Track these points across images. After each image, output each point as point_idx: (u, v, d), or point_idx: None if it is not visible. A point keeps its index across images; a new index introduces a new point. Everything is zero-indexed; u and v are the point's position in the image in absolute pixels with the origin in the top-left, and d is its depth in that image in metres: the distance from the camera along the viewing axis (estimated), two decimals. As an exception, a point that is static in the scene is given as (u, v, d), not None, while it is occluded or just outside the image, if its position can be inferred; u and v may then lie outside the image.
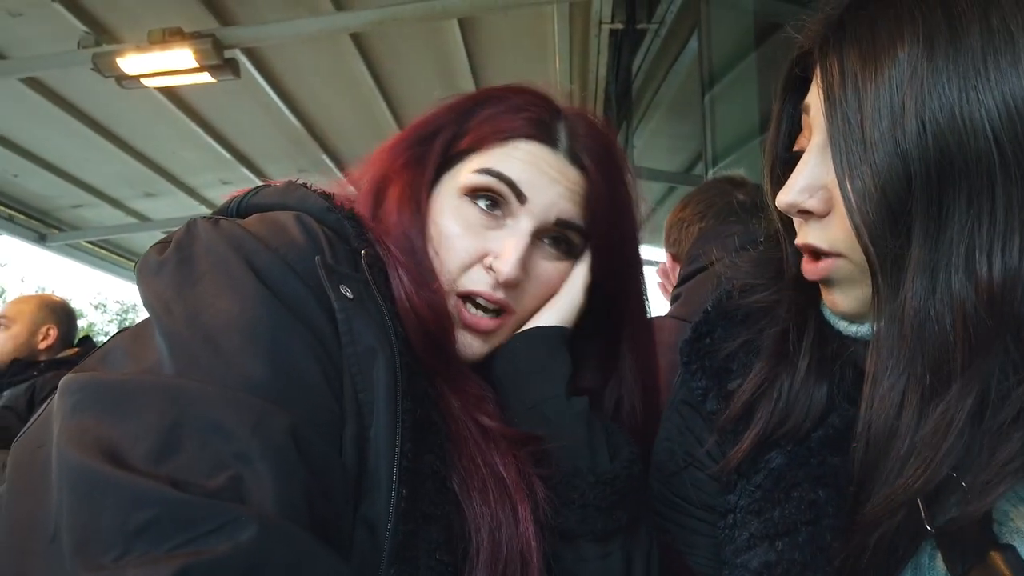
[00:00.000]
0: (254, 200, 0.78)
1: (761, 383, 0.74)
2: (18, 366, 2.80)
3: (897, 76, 0.57)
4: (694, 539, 0.80)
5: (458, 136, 0.85)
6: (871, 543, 0.60)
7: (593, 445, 0.78)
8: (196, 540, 0.47)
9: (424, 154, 0.85)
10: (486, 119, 0.84)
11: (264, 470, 0.52)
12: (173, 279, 0.63)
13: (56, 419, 0.54)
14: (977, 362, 0.55)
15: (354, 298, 0.67)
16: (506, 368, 0.83)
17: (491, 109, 0.85)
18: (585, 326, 0.89)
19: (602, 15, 3.92)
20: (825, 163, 0.63)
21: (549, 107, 0.86)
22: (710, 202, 1.67)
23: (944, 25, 0.56)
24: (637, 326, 0.91)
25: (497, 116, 0.84)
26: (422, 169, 0.84)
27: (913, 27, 0.57)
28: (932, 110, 0.55)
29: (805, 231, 0.66)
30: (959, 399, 0.56)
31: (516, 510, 0.72)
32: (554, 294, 0.86)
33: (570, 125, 0.85)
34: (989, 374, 0.56)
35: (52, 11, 3.94)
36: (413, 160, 0.85)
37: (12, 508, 0.55)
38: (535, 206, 0.81)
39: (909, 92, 0.56)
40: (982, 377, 0.56)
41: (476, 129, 0.84)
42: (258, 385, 0.57)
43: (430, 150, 0.85)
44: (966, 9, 0.56)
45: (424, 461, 0.67)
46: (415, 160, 0.85)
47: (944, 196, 0.56)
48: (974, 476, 0.56)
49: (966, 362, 0.55)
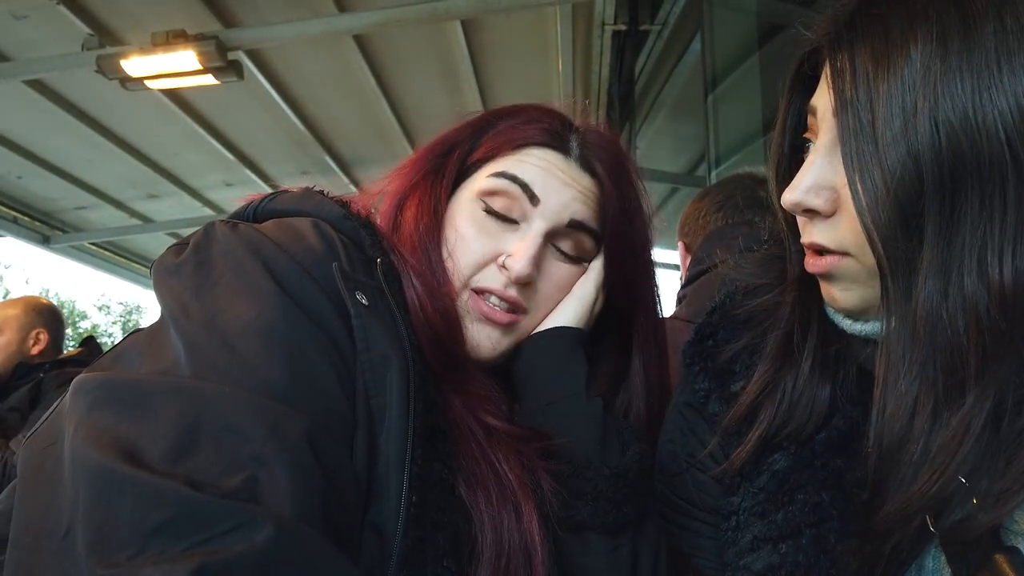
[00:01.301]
0: (271, 205, 0.79)
1: (765, 385, 0.73)
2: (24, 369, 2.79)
3: (910, 76, 0.56)
4: (697, 541, 0.80)
5: (474, 148, 0.88)
6: (887, 551, 0.60)
7: (606, 440, 0.79)
8: (212, 540, 0.47)
9: (441, 166, 0.88)
10: (501, 131, 0.87)
11: (280, 472, 0.52)
12: (191, 281, 0.64)
13: (70, 418, 0.55)
14: (992, 366, 0.55)
15: (369, 305, 0.68)
16: (531, 362, 0.84)
17: (506, 122, 0.88)
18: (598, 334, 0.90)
19: (605, 16, 3.92)
20: (832, 162, 0.63)
21: (562, 120, 0.89)
22: (729, 194, 1.66)
23: (958, 25, 0.55)
24: (649, 335, 0.92)
25: (511, 127, 0.87)
26: (440, 179, 0.87)
27: (927, 26, 0.56)
28: (945, 111, 0.54)
29: (810, 230, 0.66)
30: (975, 405, 0.55)
31: (519, 506, 0.73)
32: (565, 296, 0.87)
33: (582, 135, 0.88)
34: (1006, 379, 0.55)
35: (56, 13, 3.95)
36: (431, 171, 0.88)
37: (23, 505, 0.56)
38: (548, 208, 0.82)
39: (922, 92, 0.55)
40: (998, 382, 0.55)
41: (491, 140, 0.87)
42: (274, 388, 0.57)
43: (447, 162, 0.88)
44: (980, 9, 0.55)
45: (433, 468, 0.68)
46: (433, 171, 0.88)
47: (956, 197, 0.55)
48: (989, 484, 0.55)
49: (980, 366, 0.55)
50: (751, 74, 3.42)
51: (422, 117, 5.47)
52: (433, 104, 5.27)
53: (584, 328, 0.87)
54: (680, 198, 5.42)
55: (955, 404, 0.56)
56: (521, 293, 0.82)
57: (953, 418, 0.55)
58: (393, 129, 5.59)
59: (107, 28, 4.19)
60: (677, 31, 4.21)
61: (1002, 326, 0.54)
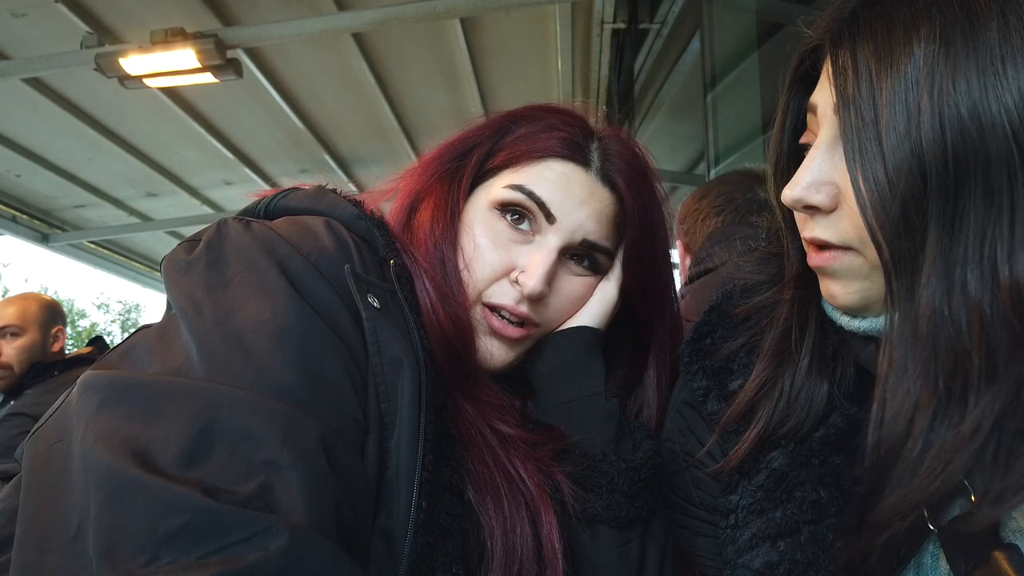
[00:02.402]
0: (283, 203, 0.78)
1: (763, 383, 0.73)
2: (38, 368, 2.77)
3: (913, 73, 0.56)
4: (696, 539, 0.80)
5: (493, 152, 0.87)
6: (880, 544, 0.60)
7: (620, 438, 0.80)
8: (227, 548, 0.46)
9: (459, 168, 0.87)
10: (521, 137, 0.86)
11: (294, 478, 0.52)
12: (203, 279, 0.63)
13: (79, 417, 0.54)
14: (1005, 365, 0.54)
15: (381, 307, 0.67)
16: (553, 360, 0.84)
17: (526, 128, 0.86)
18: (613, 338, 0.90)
19: (604, 15, 3.91)
20: (833, 159, 0.62)
21: (583, 128, 0.87)
22: (730, 196, 1.66)
23: (961, 22, 0.55)
24: (665, 347, 0.92)
25: (532, 135, 0.85)
26: (457, 182, 0.86)
27: (930, 23, 0.56)
28: (950, 108, 0.54)
29: (811, 226, 0.65)
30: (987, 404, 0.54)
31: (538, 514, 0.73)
32: (578, 308, 0.87)
33: (603, 146, 0.86)
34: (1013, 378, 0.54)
35: (55, 11, 3.94)
36: (448, 174, 0.87)
37: (29, 504, 0.55)
38: (563, 225, 0.82)
39: (926, 90, 0.55)
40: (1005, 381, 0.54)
41: (511, 146, 0.86)
42: (288, 391, 0.56)
43: (465, 164, 0.87)
44: (983, 6, 0.55)
45: (442, 474, 0.68)
46: (450, 173, 0.87)
47: (960, 195, 0.55)
48: (988, 482, 0.55)
49: (983, 364, 0.54)
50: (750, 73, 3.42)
51: (421, 116, 5.46)
52: (432, 102, 5.26)
53: (602, 328, 0.87)
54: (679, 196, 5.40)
55: (958, 403, 0.55)
56: (532, 308, 0.82)
57: (958, 417, 0.55)
58: (392, 128, 5.58)
59: (106, 26, 4.18)
60: (676, 29, 4.20)
61: (1016, 325, 0.53)
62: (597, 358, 0.85)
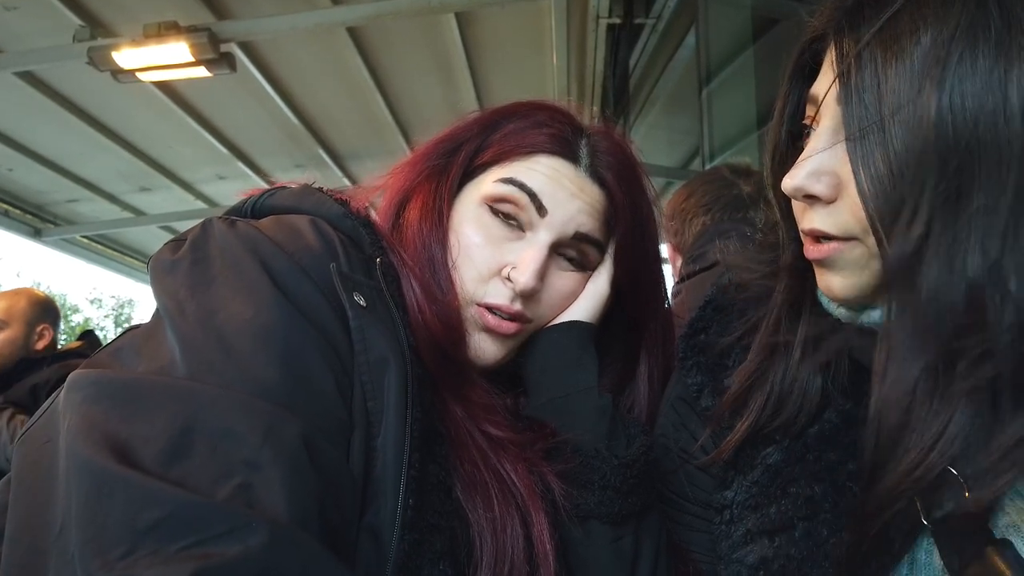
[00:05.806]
0: (270, 202, 0.77)
1: (753, 373, 0.73)
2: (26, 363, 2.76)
3: (919, 62, 0.55)
4: (690, 535, 0.80)
5: (481, 149, 0.86)
6: (870, 532, 0.60)
7: (613, 433, 0.79)
8: (207, 542, 0.46)
9: (448, 165, 0.86)
10: (510, 133, 0.85)
11: (275, 476, 0.51)
12: (187, 279, 0.62)
13: (65, 414, 0.53)
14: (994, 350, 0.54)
15: (367, 306, 0.67)
16: (546, 355, 0.84)
17: (515, 124, 0.86)
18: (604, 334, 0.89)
19: (599, 10, 3.90)
20: (834, 148, 0.62)
21: (572, 124, 0.87)
22: (717, 195, 1.66)
23: (970, 11, 0.55)
24: (657, 342, 0.92)
25: (521, 131, 0.85)
26: (445, 179, 0.85)
27: (937, 12, 0.56)
28: (954, 97, 0.54)
29: (810, 216, 0.65)
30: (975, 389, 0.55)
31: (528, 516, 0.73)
32: (569, 304, 0.86)
33: (592, 143, 0.86)
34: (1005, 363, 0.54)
35: (47, 5, 3.92)
36: (436, 171, 0.86)
37: (20, 503, 0.55)
38: (554, 219, 0.82)
39: (931, 78, 0.55)
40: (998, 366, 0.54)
41: (499, 143, 0.85)
42: (270, 390, 0.56)
43: (453, 161, 0.86)
44: None
45: (429, 471, 0.67)
46: (438, 171, 0.86)
47: (963, 184, 0.54)
48: (976, 465, 0.55)
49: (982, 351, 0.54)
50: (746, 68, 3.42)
51: (416, 110, 5.45)
52: (427, 97, 5.25)
53: (595, 323, 0.87)
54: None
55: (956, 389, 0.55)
56: (525, 305, 0.82)
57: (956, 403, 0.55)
58: (387, 122, 5.57)
59: (98, 19, 4.16)
60: (672, 25, 4.20)
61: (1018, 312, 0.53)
62: (590, 352, 0.84)
